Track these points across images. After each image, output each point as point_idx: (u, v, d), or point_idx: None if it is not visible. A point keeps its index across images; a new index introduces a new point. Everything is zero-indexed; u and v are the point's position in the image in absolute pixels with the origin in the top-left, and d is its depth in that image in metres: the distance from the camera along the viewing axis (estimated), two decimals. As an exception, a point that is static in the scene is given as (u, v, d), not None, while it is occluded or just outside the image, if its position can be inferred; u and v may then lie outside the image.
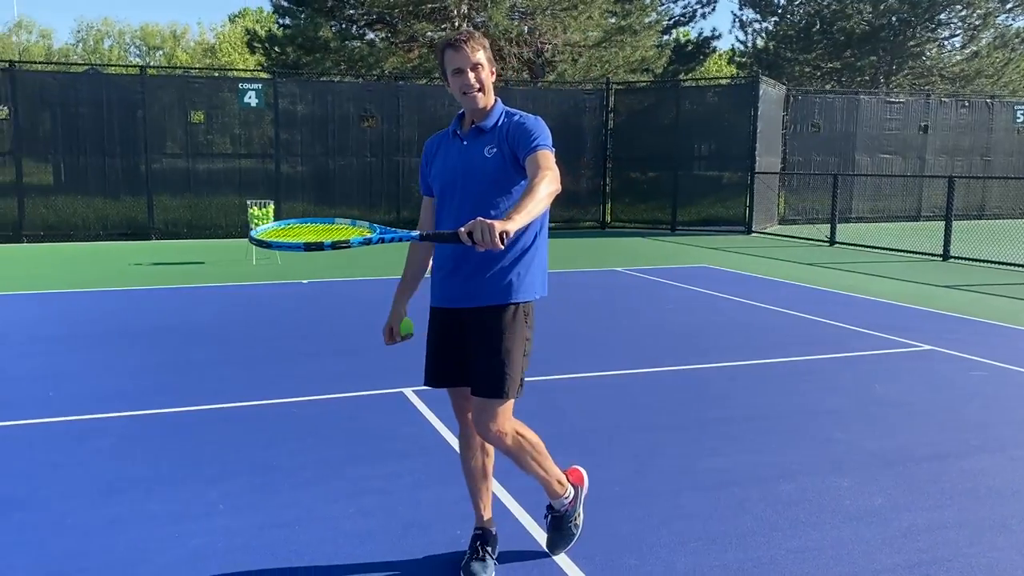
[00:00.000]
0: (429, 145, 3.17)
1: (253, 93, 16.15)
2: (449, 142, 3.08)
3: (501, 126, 2.99)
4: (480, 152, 2.97)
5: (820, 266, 12.44)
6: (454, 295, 3.02)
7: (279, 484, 4.00)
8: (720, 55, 39.37)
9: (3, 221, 15.03)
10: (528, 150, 2.89)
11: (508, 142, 2.94)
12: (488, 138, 2.99)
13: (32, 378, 5.87)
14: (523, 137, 2.92)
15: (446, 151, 3.07)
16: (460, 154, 3.01)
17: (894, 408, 5.30)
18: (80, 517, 3.60)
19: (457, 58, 2.91)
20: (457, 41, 2.91)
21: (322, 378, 5.93)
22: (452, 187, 3.00)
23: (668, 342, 7.19)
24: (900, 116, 20.84)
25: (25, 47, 65.62)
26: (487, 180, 2.95)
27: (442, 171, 3.04)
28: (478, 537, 3.23)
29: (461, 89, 2.93)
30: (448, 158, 3.05)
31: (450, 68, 2.93)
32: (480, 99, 2.96)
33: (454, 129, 3.08)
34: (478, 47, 2.92)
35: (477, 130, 3.01)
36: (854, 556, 3.31)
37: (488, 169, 2.95)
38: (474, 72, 2.92)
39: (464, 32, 2.96)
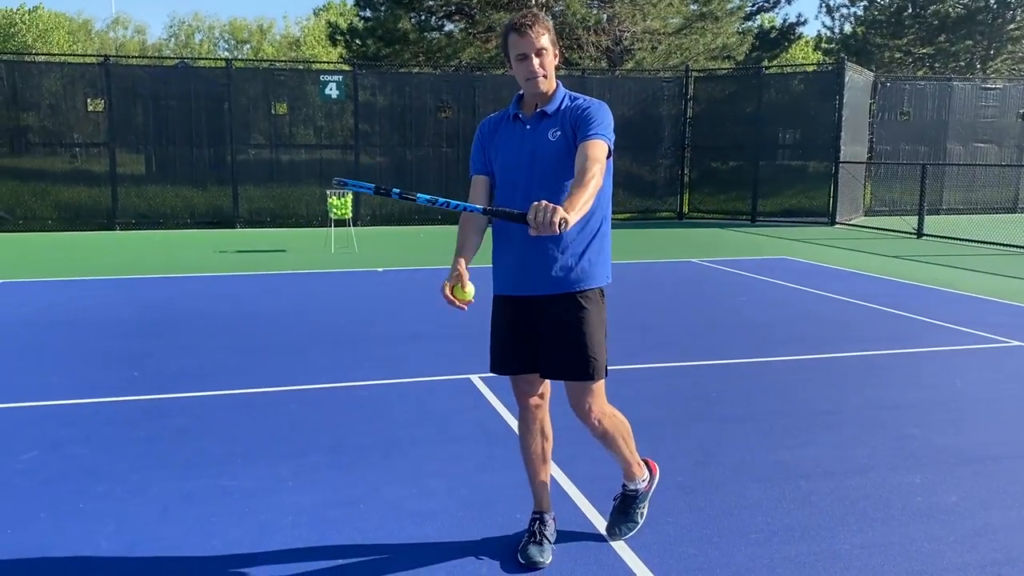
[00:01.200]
0: (485, 126, 3.16)
1: (334, 85, 16.47)
2: (510, 125, 3.08)
3: (564, 110, 2.98)
4: (544, 136, 2.97)
5: (905, 259, 12.03)
6: (529, 283, 3.03)
7: (347, 464, 4.10)
8: (806, 42, 38.33)
9: (98, 209, 15.72)
10: (585, 135, 2.88)
11: (571, 125, 2.94)
12: (552, 122, 2.98)
13: (118, 358, 6.15)
14: (584, 122, 2.91)
15: (507, 134, 3.07)
16: (524, 138, 3.01)
17: (976, 404, 5.11)
18: (158, 490, 3.77)
19: (522, 43, 2.89)
20: (522, 26, 2.88)
21: (392, 363, 6.03)
22: (516, 170, 3.01)
23: (740, 334, 7.07)
24: (996, 103, 19.93)
25: (121, 42, 68.37)
26: (552, 163, 2.96)
27: (505, 154, 3.05)
28: (536, 520, 3.25)
29: (525, 75, 2.93)
30: (511, 141, 3.05)
31: (514, 53, 2.92)
32: (543, 84, 2.95)
33: (515, 112, 3.06)
34: (543, 31, 2.89)
35: (541, 114, 3.00)
36: (923, 553, 3.22)
37: (553, 152, 2.96)
38: (539, 58, 2.90)
39: (529, 15, 2.92)
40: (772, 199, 18.13)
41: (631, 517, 3.35)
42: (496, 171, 3.10)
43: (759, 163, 18.05)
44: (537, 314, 3.05)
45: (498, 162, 3.07)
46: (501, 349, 3.17)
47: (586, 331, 3.00)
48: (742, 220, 18.11)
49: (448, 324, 7.19)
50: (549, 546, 3.19)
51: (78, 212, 15.66)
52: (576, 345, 3.00)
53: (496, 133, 3.10)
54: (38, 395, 5.21)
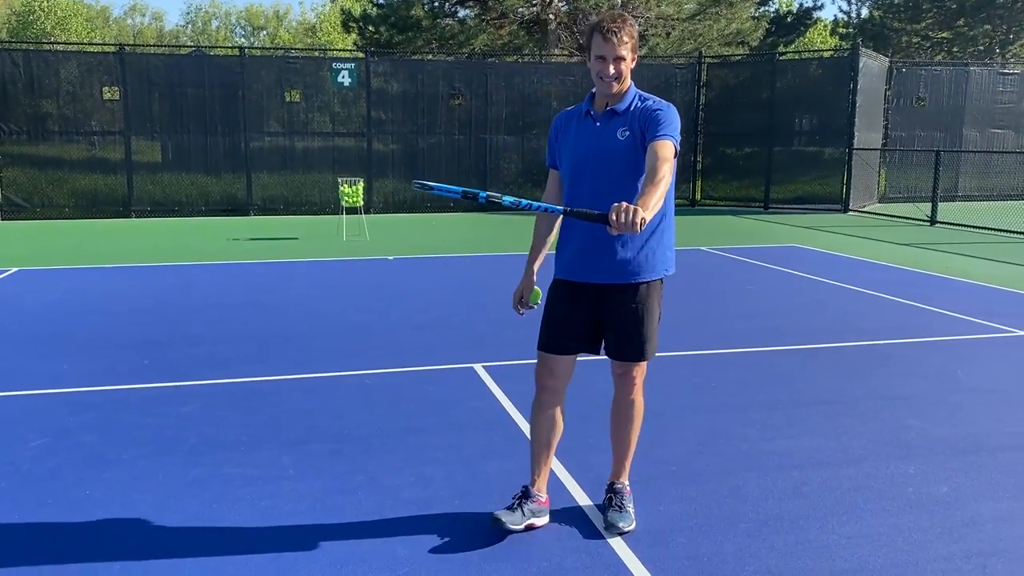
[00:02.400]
0: (558, 120, 3.29)
1: (346, 72, 16.52)
2: (581, 121, 3.19)
3: (634, 110, 3.10)
4: (614, 134, 3.10)
5: (917, 247, 11.98)
6: (590, 271, 3.18)
7: (347, 452, 4.18)
8: (824, 26, 37.96)
9: (114, 197, 15.88)
10: (654, 135, 3.01)
11: (640, 125, 3.07)
12: (621, 120, 3.11)
13: (128, 346, 6.26)
14: (653, 122, 3.05)
15: (578, 130, 3.19)
16: (593, 135, 3.14)
17: (976, 395, 5.13)
18: (164, 477, 3.86)
19: (604, 47, 3.01)
20: (608, 31, 2.99)
21: (398, 352, 6.11)
22: (584, 166, 3.14)
23: (744, 323, 7.10)
24: (1015, 88, 19.72)
25: (139, 29, 68.68)
26: (622, 162, 3.09)
27: (574, 150, 3.17)
28: (522, 493, 3.36)
29: (599, 74, 3.06)
30: (581, 137, 3.17)
31: (595, 53, 3.05)
32: (615, 87, 3.09)
33: (587, 109, 3.18)
34: (627, 39, 3.02)
35: (611, 112, 3.12)
36: (909, 544, 3.26)
37: (622, 151, 3.09)
38: (615, 64, 3.03)
39: (619, 19, 3.03)
40: (785, 186, 18.06)
41: (627, 512, 3.40)
42: (563, 165, 3.25)
43: (772, 149, 17.97)
44: (597, 300, 3.22)
45: (565, 156, 3.22)
46: (556, 328, 3.27)
47: (643, 318, 3.24)
48: (755, 207, 18.05)
49: (454, 314, 7.26)
50: (520, 515, 3.28)
51: (94, 200, 15.83)
52: (635, 331, 3.24)
53: (566, 128, 3.24)
54: (49, 382, 5.33)
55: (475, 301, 7.72)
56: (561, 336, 3.27)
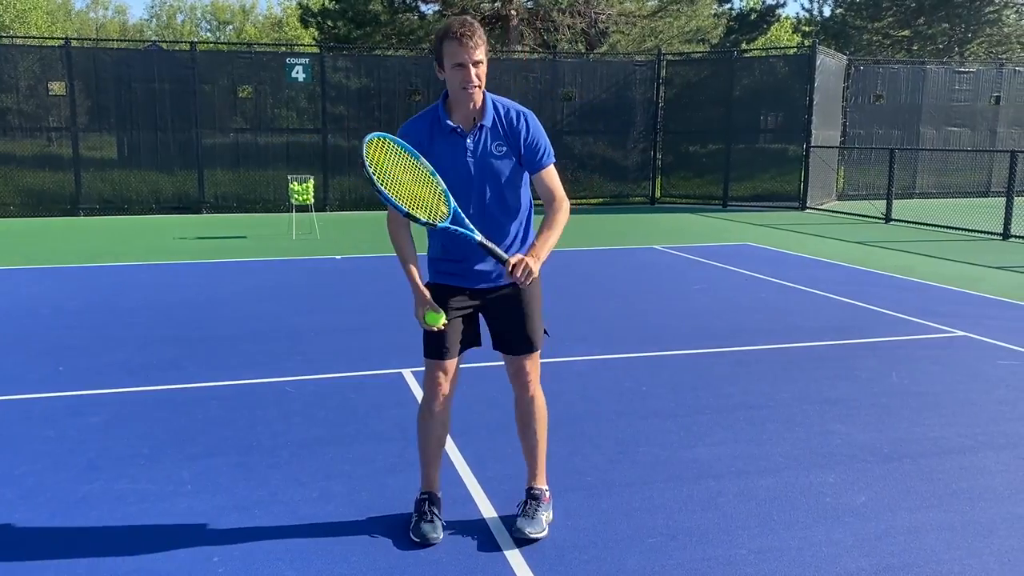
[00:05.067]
0: (415, 132, 3.07)
1: (300, 68, 16.26)
2: (446, 136, 3.04)
3: (501, 122, 3.06)
4: (490, 151, 3.05)
5: (870, 245, 12.00)
6: (476, 278, 3.17)
7: (253, 464, 4.02)
8: (788, 23, 38.18)
9: (61, 194, 15.50)
10: (538, 164, 3.09)
11: (514, 141, 3.05)
12: (493, 135, 3.04)
13: (49, 352, 6.03)
14: (532, 148, 3.07)
15: (447, 147, 3.05)
16: (468, 153, 3.04)
17: (906, 398, 5.07)
18: (52, 494, 3.67)
19: (460, 53, 2.89)
20: (461, 35, 2.88)
21: (326, 357, 5.95)
22: (466, 187, 3.06)
23: (684, 324, 7.01)
24: (970, 87, 19.90)
25: (101, 24, 67.53)
26: (503, 176, 3.08)
27: (450, 169, 3.04)
28: (426, 500, 3.33)
29: (461, 84, 2.93)
30: (454, 155, 3.04)
31: (450, 61, 2.92)
32: (477, 95, 2.98)
33: (452, 126, 3.03)
34: (480, 43, 2.92)
35: (480, 128, 3.03)
36: (819, 558, 3.16)
37: (503, 169, 3.07)
38: (476, 68, 2.91)
39: (467, 24, 2.91)
40: (744, 183, 18.07)
41: (539, 521, 3.29)
42: None
43: (731, 147, 17.98)
44: (481, 299, 3.21)
45: (443, 175, 3.04)
46: (444, 335, 3.18)
47: (527, 312, 3.23)
48: (714, 205, 18.05)
49: (392, 316, 7.10)
50: (440, 523, 3.29)
51: (41, 198, 15.45)
52: (521, 324, 3.23)
53: (433, 143, 3.06)
54: (-46, 392, 5.10)
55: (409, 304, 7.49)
56: (448, 340, 3.20)
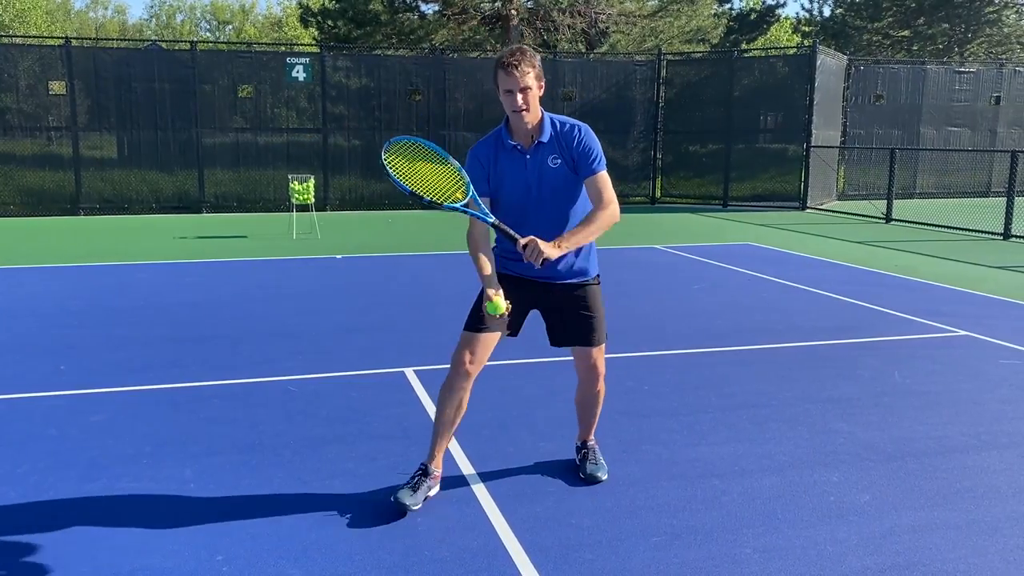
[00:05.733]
0: (483, 151, 3.42)
1: (300, 67, 16.25)
2: (509, 154, 3.38)
3: (557, 136, 3.36)
4: (546, 164, 3.36)
5: (870, 245, 11.99)
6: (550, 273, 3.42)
7: (256, 463, 4.01)
8: (788, 23, 38.17)
9: (61, 194, 15.49)
10: (589, 170, 3.35)
11: (569, 153, 3.34)
12: (548, 149, 3.35)
13: (51, 351, 6.02)
14: (583, 154, 3.34)
15: (510, 163, 3.38)
16: (528, 168, 3.36)
17: (908, 398, 5.06)
18: (53, 494, 3.66)
19: (509, 80, 3.21)
20: (509, 65, 3.19)
21: (329, 355, 5.94)
22: (525, 199, 3.39)
23: (686, 324, 7.00)
24: (970, 87, 19.90)
25: (101, 23, 67.51)
26: (558, 190, 3.39)
27: (511, 183, 3.38)
28: (421, 473, 3.55)
29: (511, 108, 3.25)
30: (516, 171, 3.37)
31: (502, 88, 3.24)
32: (527, 116, 3.28)
33: (513, 144, 3.36)
34: (528, 69, 3.21)
35: (538, 144, 3.35)
36: (823, 557, 3.16)
37: (558, 180, 3.37)
38: (523, 94, 3.23)
39: (517, 53, 3.21)
40: (745, 183, 18.07)
41: (602, 463, 3.81)
42: (502, 198, 3.42)
43: (731, 147, 17.97)
44: (542, 292, 3.50)
45: (504, 190, 3.40)
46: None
47: (592, 308, 3.58)
48: (714, 205, 18.05)
49: (393, 315, 7.09)
50: (422, 494, 3.48)
51: (41, 197, 15.44)
52: (588, 319, 3.57)
53: (498, 161, 3.39)
54: (-44, 391, 5.09)
55: (417, 302, 7.53)
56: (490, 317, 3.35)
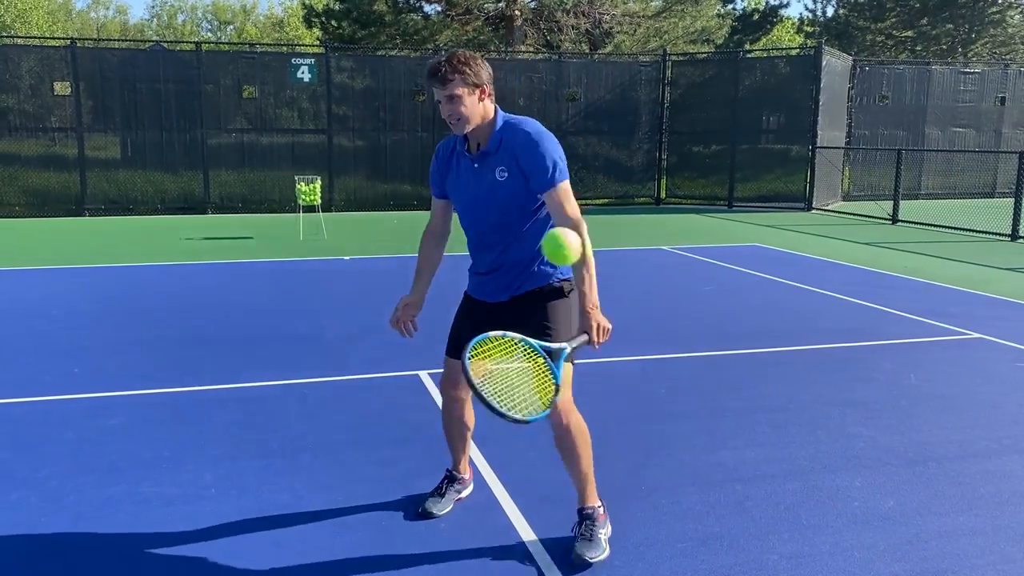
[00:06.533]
0: (441, 152, 3.20)
1: (305, 68, 16.23)
2: (460, 158, 3.10)
3: (506, 143, 2.97)
4: (492, 177, 2.99)
5: (878, 246, 11.98)
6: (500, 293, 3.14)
7: (276, 468, 4.00)
8: (791, 23, 38.14)
9: (66, 195, 15.47)
10: (544, 184, 2.92)
11: (519, 163, 2.95)
12: (496, 159, 2.98)
13: (64, 353, 6.01)
14: (536, 165, 2.92)
15: (458, 168, 3.12)
16: (473, 177, 3.05)
17: (927, 401, 5.05)
18: (75, 498, 3.65)
19: (437, 91, 2.94)
20: (435, 74, 2.90)
21: (342, 358, 5.92)
22: (472, 210, 3.11)
23: (699, 326, 6.99)
24: (975, 87, 19.88)
25: (102, 23, 67.47)
26: (505, 204, 3.01)
27: (456, 190, 3.14)
28: (446, 478, 3.55)
29: (445, 117, 2.96)
30: (460, 178, 3.11)
31: (435, 99, 2.98)
32: (458, 127, 2.95)
33: (462, 150, 3.08)
34: (454, 78, 2.87)
35: (484, 153, 3.01)
36: (851, 563, 3.14)
37: (504, 194, 2.99)
38: (451, 104, 2.90)
39: (444, 61, 2.90)
40: (750, 184, 18.05)
41: (598, 542, 3.14)
42: (457, 205, 3.21)
43: (736, 148, 17.95)
44: (500, 314, 3.13)
45: (455, 197, 3.18)
46: (459, 333, 3.26)
47: (550, 313, 3.07)
48: (719, 205, 18.03)
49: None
50: (449, 501, 3.51)
51: (46, 198, 15.42)
52: (544, 329, 3.02)
53: (449, 166, 3.15)
54: (-29, 394, 5.07)
55: (428, 303, 7.44)
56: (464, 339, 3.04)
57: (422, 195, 17.23)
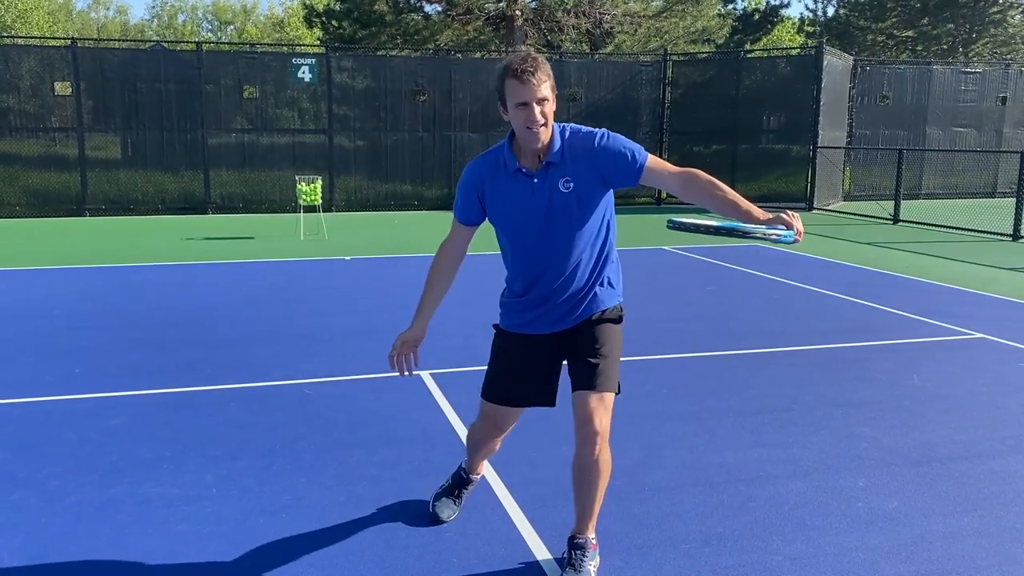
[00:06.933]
0: (479, 173, 2.89)
1: (306, 68, 16.22)
2: (509, 178, 2.83)
3: (568, 154, 2.80)
4: (556, 189, 2.79)
5: (879, 246, 11.96)
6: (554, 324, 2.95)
7: (277, 468, 3.98)
8: (791, 23, 38.12)
9: (67, 195, 15.46)
10: (636, 166, 2.76)
11: (593, 166, 2.78)
12: (558, 171, 2.79)
13: (65, 353, 6.00)
14: (618, 155, 2.78)
15: (512, 190, 2.83)
16: (533, 195, 2.81)
17: (930, 401, 5.03)
18: (76, 498, 3.64)
19: (523, 91, 2.67)
20: (523, 72, 2.65)
21: (344, 358, 5.91)
22: (535, 233, 2.84)
23: (701, 326, 6.97)
24: (976, 87, 19.86)
25: (102, 23, 67.49)
26: (572, 221, 2.82)
27: (514, 215, 2.85)
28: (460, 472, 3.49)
29: (525, 123, 2.70)
30: (520, 200, 2.83)
31: (513, 100, 2.69)
32: (544, 134, 2.73)
33: (517, 167, 2.81)
34: (545, 78, 2.68)
35: (547, 165, 2.79)
36: (855, 564, 3.13)
37: (571, 209, 2.80)
38: (540, 106, 2.68)
39: (530, 60, 2.69)
40: (751, 184, 17.99)
41: (585, 570, 2.98)
42: (501, 227, 2.93)
43: (737, 147, 17.94)
44: (558, 344, 2.98)
45: (504, 224, 2.90)
46: (512, 381, 3.05)
47: (601, 341, 2.92)
48: (720, 205, 17.97)
49: (407, 317, 7.05)
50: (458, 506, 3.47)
51: (46, 198, 15.41)
52: (594, 352, 2.90)
53: (497, 188, 2.86)
54: (-29, 394, 5.06)
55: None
56: (517, 388, 3.04)
57: (422, 195, 17.24)
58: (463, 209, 2.96)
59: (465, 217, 2.97)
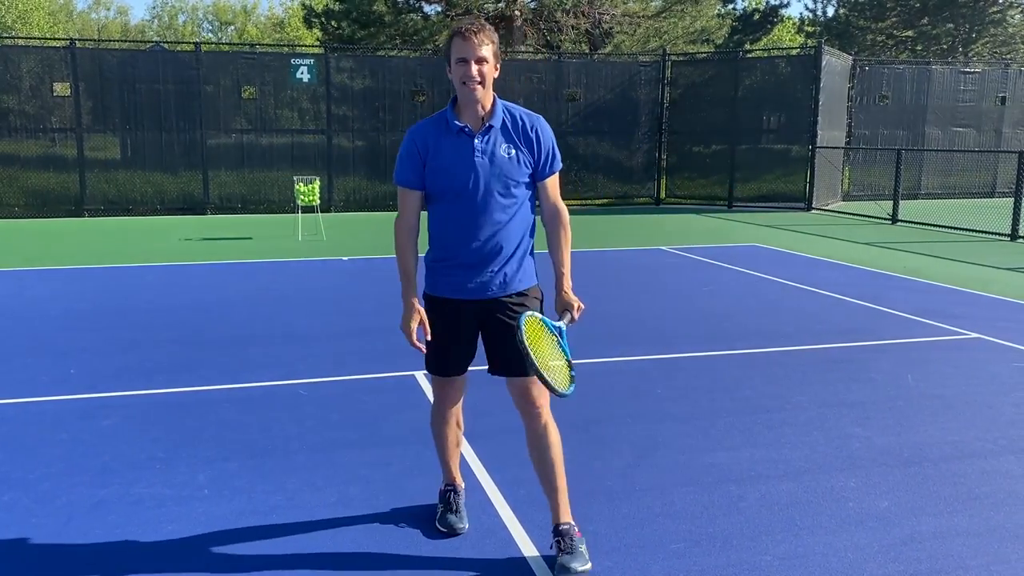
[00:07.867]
0: (421, 134, 3.04)
1: (305, 68, 16.23)
2: (454, 138, 3.00)
3: (511, 124, 3.04)
4: (497, 152, 3.00)
5: (877, 246, 11.95)
6: (476, 289, 3.07)
7: (269, 468, 3.99)
8: (791, 23, 38.10)
9: (66, 195, 15.46)
10: (550, 170, 3.10)
11: (526, 147, 3.03)
12: (502, 137, 3.02)
13: (60, 354, 6.00)
14: (545, 151, 3.06)
15: (453, 148, 3.00)
16: (476, 153, 2.99)
17: (923, 401, 5.03)
18: (67, 499, 3.64)
19: (464, 47, 2.91)
20: (467, 31, 2.91)
21: (338, 359, 5.91)
22: (474, 187, 2.99)
23: (696, 327, 6.97)
24: (975, 87, 19.84)
25: (103, 24, 67.52)
26: (507, 181, 3.01)
27: (453, 172, 2.99)
28: (450, 492, 3.43)
29: (461, 79, 2.92)
30: (460, 157, 2.99)
31: (455, 56, 2.93)
32: (479, 92, 2.94)
33: (460, 126, 2.98)
34: (486, 41, 2.92)
35: (489, 128, 3.01)
36: (845, 564, 3.13)
37: (511, 172, 3.01)
38: (478, 65, 2.91)
39: (476, 23, 2.95)
40: (750, 184, 18.03)
41: (581, 554, 3.05)
42: (438, 186, 3.03)
43: (736, 148, 17.93)
44: (483, 315, 3.09)
45: (441, 182, 3.02)
46: (444, 352, 3.16)
47: None
48: (719, 205, 18.01)
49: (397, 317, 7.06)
50: (464, 514, 3.41)
51: (45, 199, 15.41)
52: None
53: (440, 147, 3.01)
54: (-35, 395, 5.07)
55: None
56: (450, 358, 3.18)
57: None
58: (409, 170, 3.06)
59: (412, 179, 3.06)
